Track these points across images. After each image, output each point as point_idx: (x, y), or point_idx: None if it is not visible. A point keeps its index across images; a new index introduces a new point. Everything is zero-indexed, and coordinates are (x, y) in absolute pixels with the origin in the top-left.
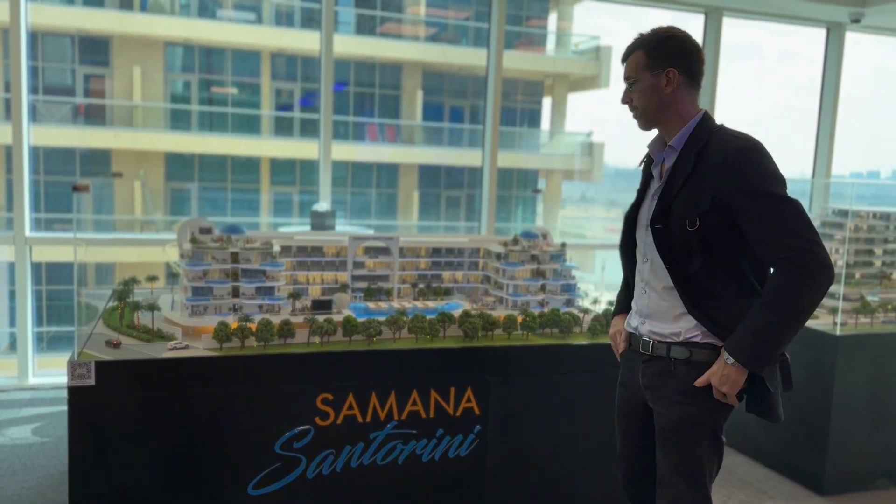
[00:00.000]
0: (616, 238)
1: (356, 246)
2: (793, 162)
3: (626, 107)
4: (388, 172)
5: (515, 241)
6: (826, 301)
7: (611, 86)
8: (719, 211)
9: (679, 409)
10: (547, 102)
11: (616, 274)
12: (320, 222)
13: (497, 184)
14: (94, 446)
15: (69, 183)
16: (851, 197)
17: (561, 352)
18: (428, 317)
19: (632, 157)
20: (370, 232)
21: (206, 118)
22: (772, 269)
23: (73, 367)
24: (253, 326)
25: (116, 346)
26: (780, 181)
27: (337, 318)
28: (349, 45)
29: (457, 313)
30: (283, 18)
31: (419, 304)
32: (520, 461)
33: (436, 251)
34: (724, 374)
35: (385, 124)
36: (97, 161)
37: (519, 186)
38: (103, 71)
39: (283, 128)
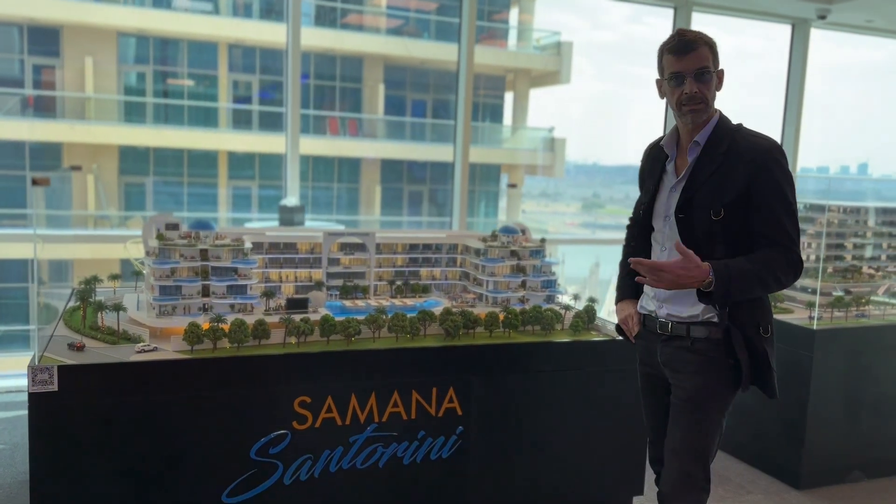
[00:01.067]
0: (578, 233)
1: (331, 242)
2: None
3: (586, 101)
4: (350, 167)
5: (494, 237)
6: (800, 295)
7: (572, 81)
8: (744, 203)
9: (695, 379)
10: (509, 97)
11: (573, 269)
12: (289, 217)
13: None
14: (57, 456)
15: (18, 177)
16: (831, 192)
17: (543, 349)
18: (408, 315)
19: (592, 154)
20: (341, 227)
21: (162, 111)
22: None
23: (34, 371)
24: (226, 327)
25: (80, 349)
26: (793, 184)
27: (313, 317)
28: (309, 36)
29: (437, 311)
30: (241, 9)
31: (397, 301)
32: (502, 462)
33: (413, 247)
34: (689, 277)
35: (346, 118)
36: (48, 155)
37: (482, 181)
38: (53, 62)
39: (241, 121)
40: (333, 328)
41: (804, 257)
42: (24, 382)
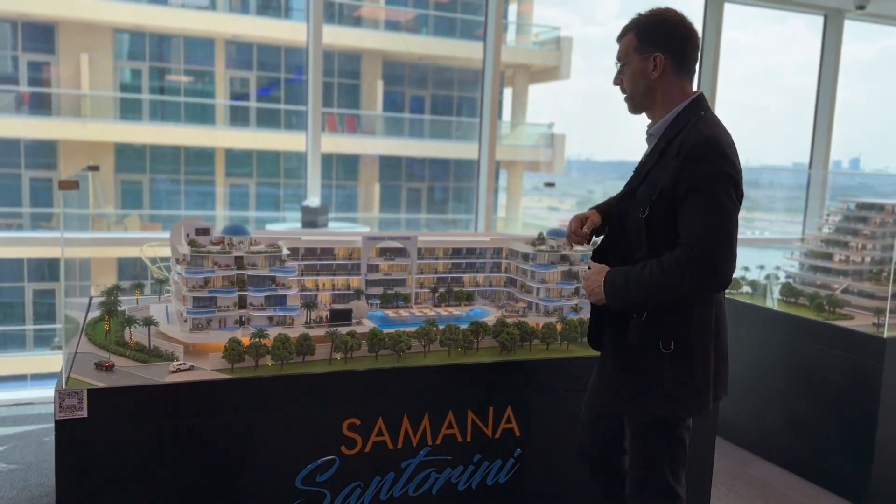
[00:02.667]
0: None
1: (371, 247)
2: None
3: (586, 96)
4: (348, 164)
5: (541, 240)
6: (867, 302)
7: (571, 77)
8: (666, 202)
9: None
10: (508, 93)
11: None
12: (312, 219)
13: (456, 175)
14: (87, 488)
15: (14, 175)
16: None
17: None
18: (460, 327)
19: (593, 150)
20: (365, 228)
21: (158, 108)
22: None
23: (61, 396)
24: (268, 342)
25: (109, 368)
26: (726, 181)
27: (359, 330)
28: (304, 32)
29: (488, 321)
30: (238, 4)
31: (441, 311)
32: (564, 486)
33: (455, 251)
34: (591, 282)
35: (345, 114)
36: (43, 152)
37: (476, 177)
38: (48, 58)
39: (238, 118)
40: (383, 343)
41: (867, 258)
42: (29, 394)
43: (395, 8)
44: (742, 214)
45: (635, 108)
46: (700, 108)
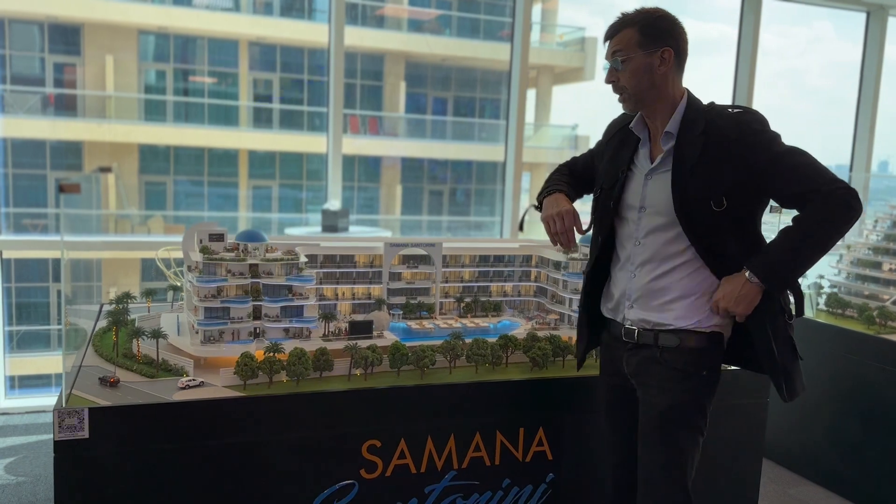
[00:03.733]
0: None
1: (393, 254)
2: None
3: (610, 97)
4: (370, 166)
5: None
6: None
7: (596, 78)
8: (745, 187)
9: (666, 396)
10: (531, 94)
11: None
12: (332, 223)
13: (478, 177)
14: None
15: (40, 176)
16: None
17: None
18: (488, 340)
19: None
20: (387, 233)
21: (182, 109)
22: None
23: (60, 415)
24: (283, 357)
25: (113, 384)
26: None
27: (380, 342)
28: (327, 34)
29: (518, 335)
30: (261, 6)
31: (468, 322)
32: None
33: (482, 259)
34: (741, 294)
35: (367, 116)
36: (68, 153)
37: (503, 180)
38: (74, 60)
39: (261, 119)
40: (405, 358)
41: None
42: (42, 402)
43: (417, 8)
44: (784, 219)
45: (636, 105)
46: (698, 99)
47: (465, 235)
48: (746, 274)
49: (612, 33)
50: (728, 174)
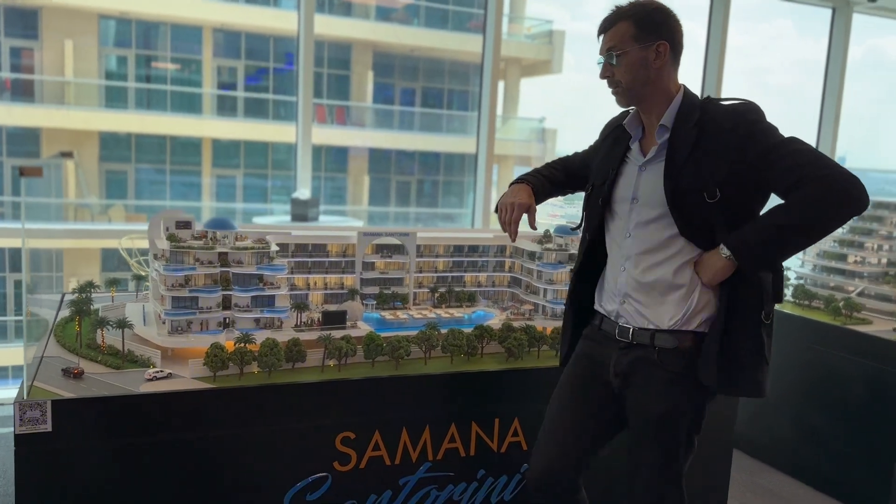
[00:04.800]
0: None
1: (366, 244)
2: None
3: (579, 90)
4: (337, 156)
5: (548, 238)
6: (884, 305)
7: (563, 71)
8: (739, 179)
9: (664, 401)
10: (500, 87)
11: None
12: (302, 212)
13: (446, 168)
14: None
15: None
16: None
17: None
18: (464, 330)
19: (573, 145)
20: (359, 223)
21: (144, 96)
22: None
23: (22, 408)
24: (254, 348)
25: (77, 376)
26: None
27: (354, 334)
28: (294, 21)
29: (493, 325)
30: None
31: (442, 312)
32: None
33: (457, 249)
34: (710, 263)
35: (334, 106)
36: (26, 140)
37: (469, 172)
38: (31, 44)
39: (225, 107)
40: (380, 349)
41: (883, 260)
42: (1, 394)
43: None
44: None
45: (631, 100)
46: (694, 94)
47: (434, 226)
48: (720, 247)
49: (607, 27)
50: (722, 165)
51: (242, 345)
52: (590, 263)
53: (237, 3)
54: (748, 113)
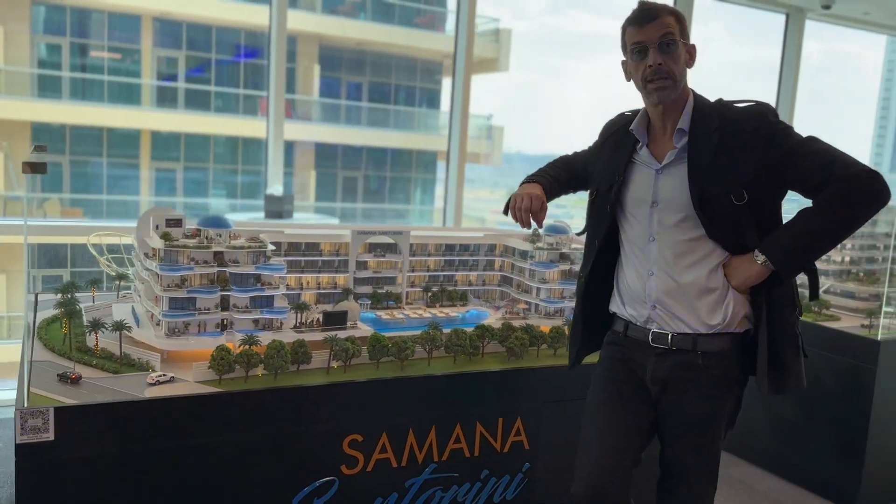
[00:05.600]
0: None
1: (360, 242)
2: None
3: (523, 88)
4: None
5: (537, 236)
6: (850, 302)
7: (510, 69)
8: (764, 179)
9: (709, 403)
10: (447, 83)
11: None
12: (277, 208)
13: (394, 165)
14: None
15: None
16: None
17: None
18: (465, 331)
19: (531, 142)
20: (334, 220)
21: (79, 86)
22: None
23: (23, 416)
24: (261, 350)
25: (75, 381)
26: None
27: (357, 334)
28: (238, 12)
29: (492, 325)
30: None
31: (437, 312)
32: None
33: (448, 248)
34: (741, 268)
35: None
36: None
37: (418, 168)
38: None
39: (166, 99)
40: (386, 349)
41: (846, 258)
42: None
43: None
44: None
45: (671, 95)
46: (703, 97)
47: (381, 223)
48: (755, 253)
49: (654, 15)
50: (747, 167)
51: (248, 347)
52: (600, 268)
53: None
54: (768, 114)
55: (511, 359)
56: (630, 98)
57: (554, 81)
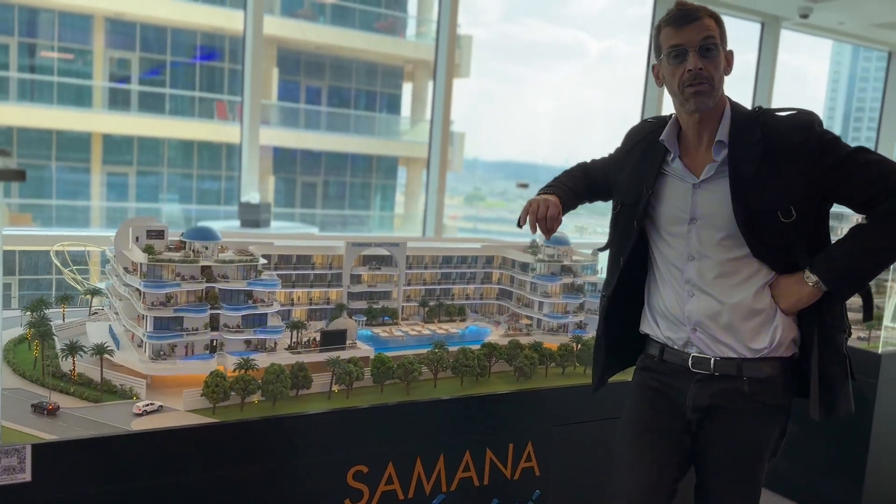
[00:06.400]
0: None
1: (355, 254)
2: None
3: (483, 93)
4: (239, 155)
5: (535, 247)
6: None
7: (471, 75)
8: (813, 196)
9: (754, 433)
10: (408, 89)
11: None
12: (253, 217)
13: (354, 170)
14: None
15: None
16: None
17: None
18: (471, 349)
19: (490, 149)
20: (314, 229)
21: (27, 87)
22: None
23: None
24: (258, 374)
25: (52, 412)
26: None
27: (358, 354)
28: (194, 13)
29: (498, 342)
30: None
31: (436, 328)
32: None
33: (445, 260)
34: (791, 291)
35: (235, 102)
36: None
37: (379, 173)
38: None
39: (118, 101)
40: (391, 371)
41: None
42: None
43: None
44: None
45: (710, 102)
46: (740, 104)
47: (341, 229)
48: (804, 274)
49: (696, 17)
50: (794, 181)
51: (244, 371)
52: (625, 287)
53: None
54: (815, 124)
55: (520, 379)
56: (587, 105)
57: (511, 88)
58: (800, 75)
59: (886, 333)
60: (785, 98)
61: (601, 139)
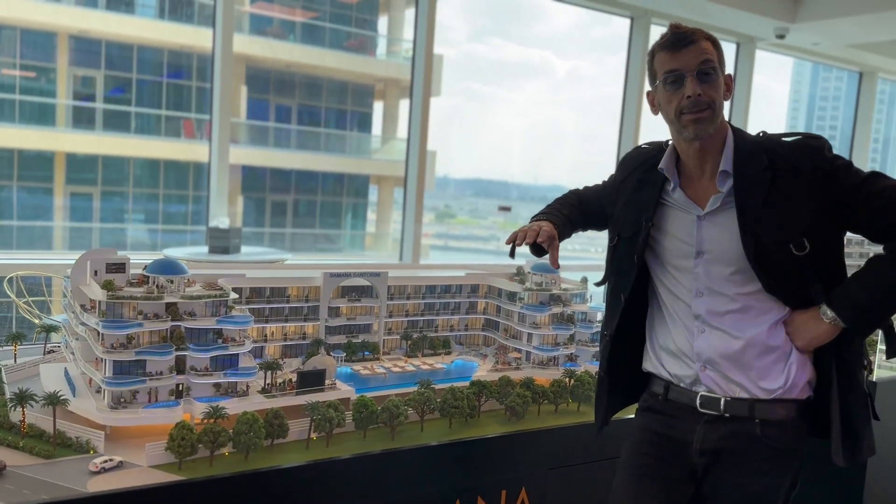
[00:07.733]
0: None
1: (332, 286)
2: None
3: (452, 112)
4: (207, 174)
5: (521, 275)
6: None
7: (442, 94)
8: (824, 224)
9: (766, 480)
10: (378, 107)
11: None
12: (223, 243)
13: (325, 189)
14: None
15: None
16: None
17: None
18: (458, 387)
19: (460, 166)
20: (286, 256)
21: None
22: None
23: None
24: (228, 424)
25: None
26: None
27: (337, 396)
28: (160, 31)
29: (487, 378)
30: None
31: (420, 363)
32: None
33: (429, 290)
34: (807, 329)
35: (203, 120)
36: None
37: (350, 192)
38: None
39: (82, 120)
40: (375, 416)
41: None
42: None
43: (263, 3)
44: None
45: (710, 128)
46: (741, 130)
47: (312, 247)
48: (821, 309)
49: (692, 40)
50: (806, 211)
51: (213, 421)
52: (627, 324)
53: (96, 9)
54: (824, 150)
55: (511, 419)
56: (555, 124)
57: (480, 106)
58: (762, 95)
59: (882, 358)
60: (751, 117)
61: (569, 156)
